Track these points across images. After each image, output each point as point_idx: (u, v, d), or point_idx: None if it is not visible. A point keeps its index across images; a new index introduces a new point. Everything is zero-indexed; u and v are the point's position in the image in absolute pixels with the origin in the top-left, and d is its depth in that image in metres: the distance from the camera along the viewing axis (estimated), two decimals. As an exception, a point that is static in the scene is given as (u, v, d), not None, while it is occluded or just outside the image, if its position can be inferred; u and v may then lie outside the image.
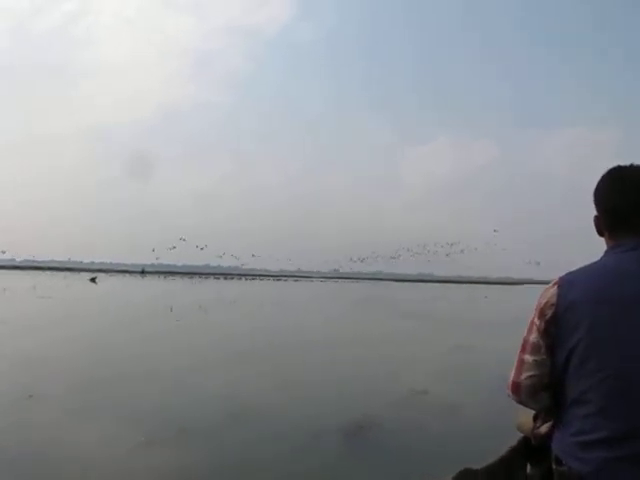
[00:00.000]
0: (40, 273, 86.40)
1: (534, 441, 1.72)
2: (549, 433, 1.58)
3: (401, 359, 11.17)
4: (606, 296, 1.39)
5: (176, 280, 79.82)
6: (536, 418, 1.70)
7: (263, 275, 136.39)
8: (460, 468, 1.76)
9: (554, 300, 1.45)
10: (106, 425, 5.84)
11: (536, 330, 1.49)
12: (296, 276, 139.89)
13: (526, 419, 1.76)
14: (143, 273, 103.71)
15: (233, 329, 16.43)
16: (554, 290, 1.47)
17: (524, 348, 1.52)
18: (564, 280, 1.48)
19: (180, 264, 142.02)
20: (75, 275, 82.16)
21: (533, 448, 1.74)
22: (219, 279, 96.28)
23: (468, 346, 12.82)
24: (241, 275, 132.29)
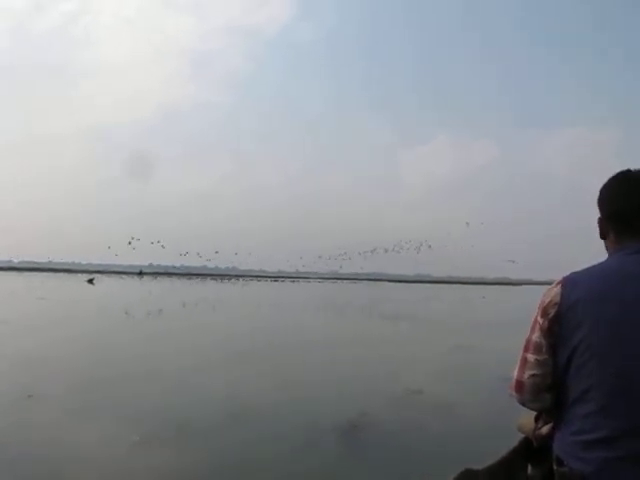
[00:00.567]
0: (37, 274, 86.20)
1: (535, 442, 1.72)
2: (550, 434, 1.58)
3: (399, 359, 11.19)
4: (609, 296, 1.40)
5: (173, 281, 79.74)
6: (537, 419, 1.70)
7: (260, 276, 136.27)
8: (461, 469, 1.75)
9: (557, 299, 1.46)
10: (104, 424, 5.85)
11: (539, 329, 1.49)
12: (293, 277, 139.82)
13: (527, 420, 1.76)
14: (141, 274, 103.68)
15: (224, 330, 16.43)
16: (557, 289, 1.48)
17: (527, 347, 1.53)
18: (568, 280, 1.49)
19: (178, 265, 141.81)
20: (73, 276, 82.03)
21: (534, 449, 1.73)
22: (216, 280, 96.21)
23: (467, 346, 12.85)
24: (238, 276, 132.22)
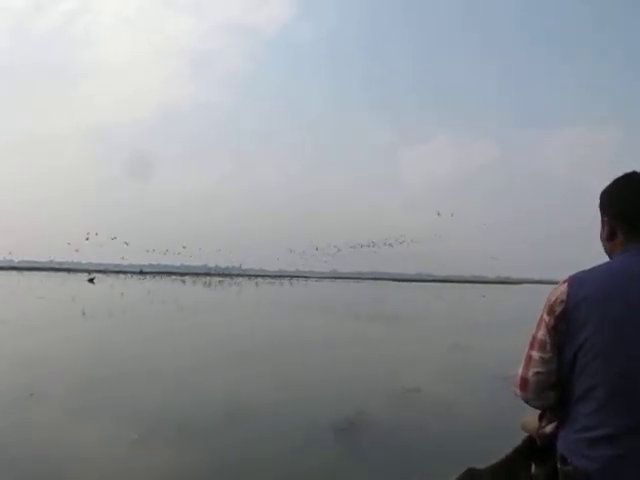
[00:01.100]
0: (38, 274, 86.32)
1: (539, 441, 1.72)
2: (554, 433, 1.58)
3: (398, 359, 11.17)
4: (614, 296, 1.41)
5: (173, 280, 79.82)
6: (541, 418, 1.70)
7: (260, 275, 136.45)
8: (464, 468, 1.76)
9: (564, 297, 1.47)
10: (104, 424, 5.83)
11: (544, 327, 1.50)
12: (294, 276, 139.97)
13: (531, 419, 1.76)
14: (141, 274, 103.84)
15: (222, 330, 16.42)
16: (564, 287, 1.49)
17: (532, 345, 1.54)
18: (574, 278, 1.50)
19: (178, 264, 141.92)
20: (73, 275, 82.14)
21: (538, 448, 1.73)
22: (215, 279, 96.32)
23: (466, 345, 12.85)
24: (238, 275, 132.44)
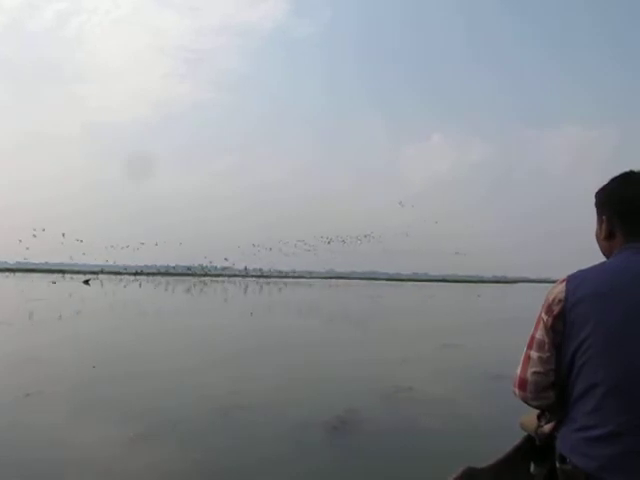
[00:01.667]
0: (33, 275, 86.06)
1: (538, 440, 1.72)
2: (553, 432, 1.58)
3: (392, 359, 11.20)
4: (614, 294, 1.40)
5: (169, 281, 79.75)
6: (540, 417, 1.70)
7: (255, 276, 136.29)
8: (463, 467, 1.73)
9: (562, 296, 1.46)
10: (103, 423, 5.86)
11: (543, 326, 1.49)
12: (290, 277, 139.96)
13: (530, 418, 1.75)
14: (137, 275, 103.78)
15: (215, 331, 16.43)
16: (562, 287, 1.48)
17: (530, 344, 1.53)
18: (572, 277, 1.49)
19: (173, 264, 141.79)
20: (69, 277, 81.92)
21: (537, 447, 1.73)
22: (209, 279, 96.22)
23: (459, 345, 12.92)
24: (233, 275, 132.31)
